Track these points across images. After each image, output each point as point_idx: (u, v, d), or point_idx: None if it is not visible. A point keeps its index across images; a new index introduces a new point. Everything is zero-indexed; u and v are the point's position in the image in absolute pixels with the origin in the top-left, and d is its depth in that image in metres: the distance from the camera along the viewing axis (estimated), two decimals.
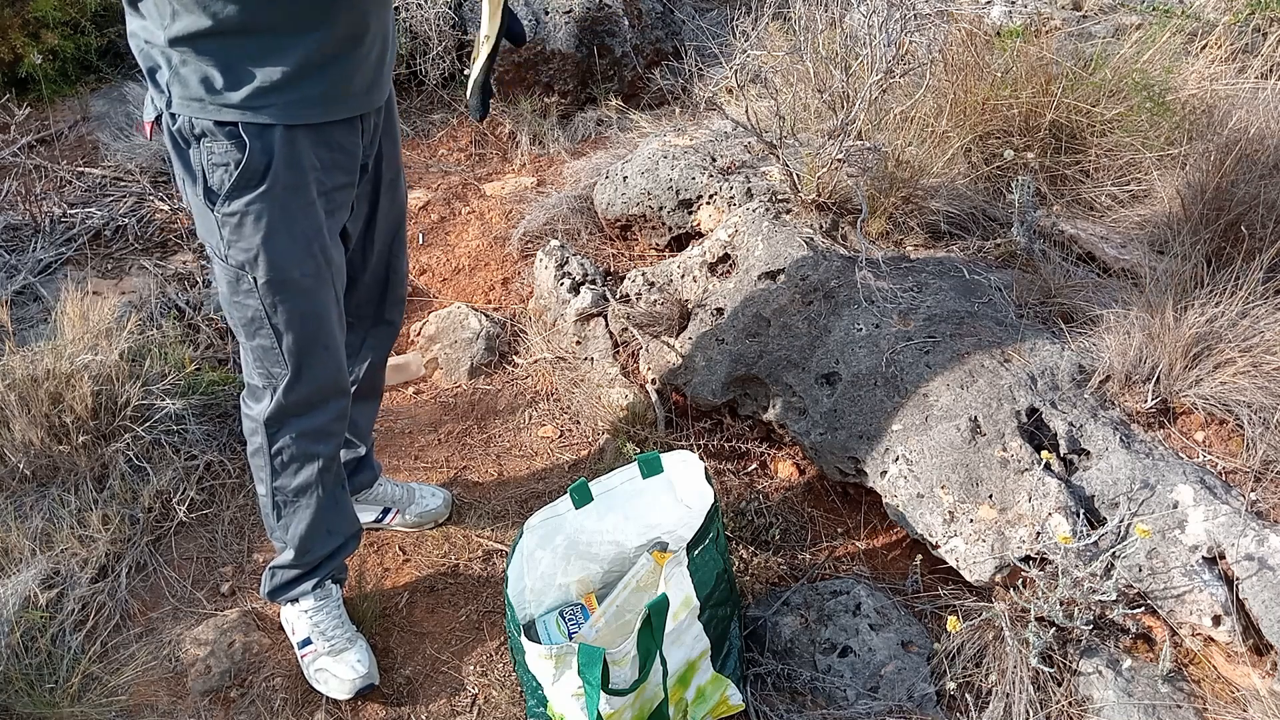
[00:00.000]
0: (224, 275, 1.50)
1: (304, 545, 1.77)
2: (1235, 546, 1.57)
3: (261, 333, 1.55)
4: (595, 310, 2.54)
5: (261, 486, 1.74)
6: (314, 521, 1.75)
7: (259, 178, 1.40)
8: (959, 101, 2.54)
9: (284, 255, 1.47)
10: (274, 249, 1.46)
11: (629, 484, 1.76)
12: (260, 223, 1.43)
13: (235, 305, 1.53)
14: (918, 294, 2.11)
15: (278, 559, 1.82)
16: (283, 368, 1.58)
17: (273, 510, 1.75)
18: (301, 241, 1.49)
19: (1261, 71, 2.81)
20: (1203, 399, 1.79)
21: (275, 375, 1.60)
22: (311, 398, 1.63)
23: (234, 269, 1.47)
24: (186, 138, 1.38)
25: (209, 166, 1.39)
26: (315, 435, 1.68)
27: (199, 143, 1.38)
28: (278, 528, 1.77)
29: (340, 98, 1.43)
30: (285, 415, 1.63)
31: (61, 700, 1.75)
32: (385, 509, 2.12)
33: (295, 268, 1.49)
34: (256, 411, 1.65)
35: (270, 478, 1.71)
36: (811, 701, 1.69)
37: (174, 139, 1.40)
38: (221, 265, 1.49)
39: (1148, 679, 1.59)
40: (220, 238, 1.45)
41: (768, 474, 2.21)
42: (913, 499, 1.82)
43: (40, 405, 2.08)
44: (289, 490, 1.72)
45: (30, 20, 3.61)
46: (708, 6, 4.19)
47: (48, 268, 2.78)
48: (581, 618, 1.75)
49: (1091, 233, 2.32)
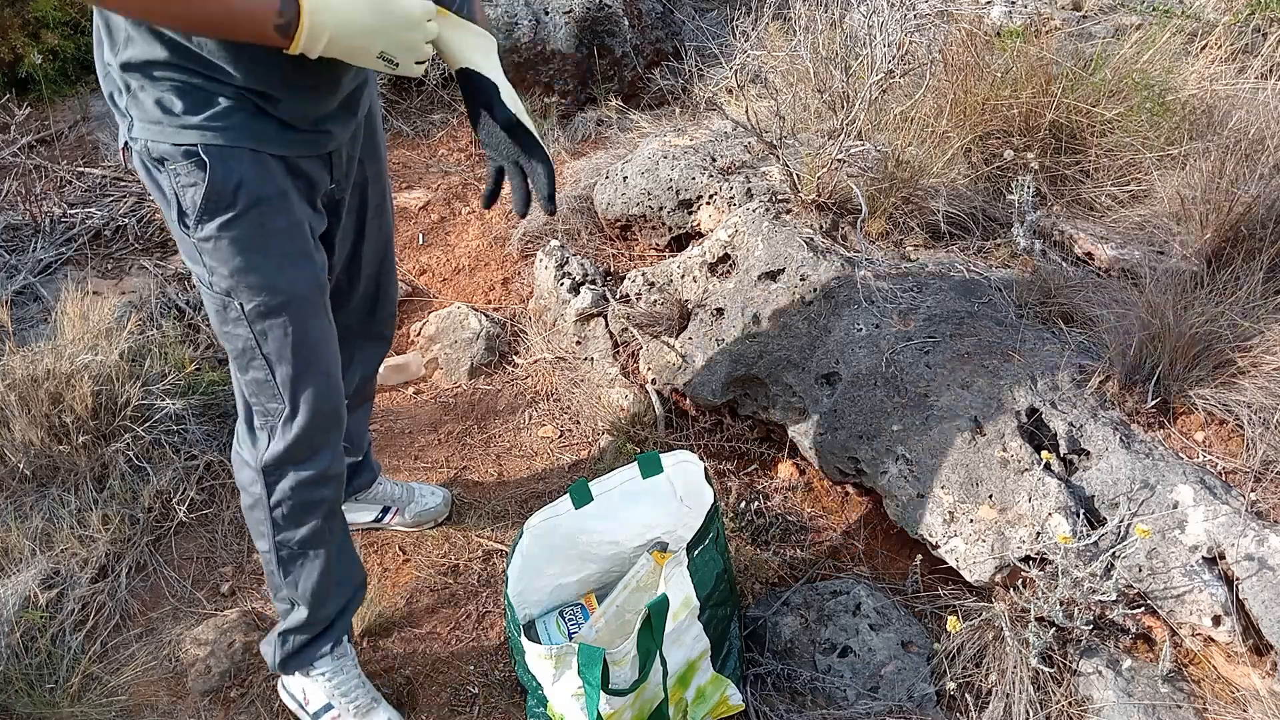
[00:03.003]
0: (211, 304, 1.42)
1: (318, 601, 1.65)
2: (1235, 546, 1.57)
3: (255, 364, 1.45)
4: (595, 310, 2.54)
5: (263, 542, 1.61)
6: (325, 574, 1.63)
7: (229, 199, 1.31)
8: (959, 101, 2.54)
9: (268, 279, 1.37)
10: (256, 272, 1.36)
11: (629, 484, 1.76)
12: (238, 246, 1.34)
13: (226, 336, 1.44)
14: (918, 294, 2.11)
15: (287, 622, 1.68)
16: (279, 402, 1.48)
17: (278, 568, 1.62)
18: (287, 264, 1.38)
19: (1261, 71, 2.81)
20: (1203, 399, 1.79)
21: (272, 412, 1.49)
22: (313, 435, 1.51)
23: (220, 296, 1.39)
24: (152, 162, 1.31)
25: (180, 189, 1.31)
26: (318, 480, 1.55)
27: (163, 166, 1.30)
28: (284, 585, 1.64)
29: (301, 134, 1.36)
30: (285, 459, 1.52)
31: (61, 700, 1.75)
32: (385, 508, 2.11)
33: (282, 292, 1.39)
34: (253, 457, 1.53)
35: (272, 531, 1.58)
36: (811, 701, 1.69)
37: (142, 164, 1.33)
38: (208, 293, 1.40)
39: (1148, 679, 1.59)
40: (202, 264, 1.37)
41: (768, 474, 2.21)
42: (913, 499, 1.82)
43: (40, 405, 2.08)
44: (294, 543, 1.60)
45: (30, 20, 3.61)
46: (708, 6, 4.19)
47: (48, 268, 2.78)
48: (581, 618, 1.75)
49: (1091, 233, 2.32)
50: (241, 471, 1.58)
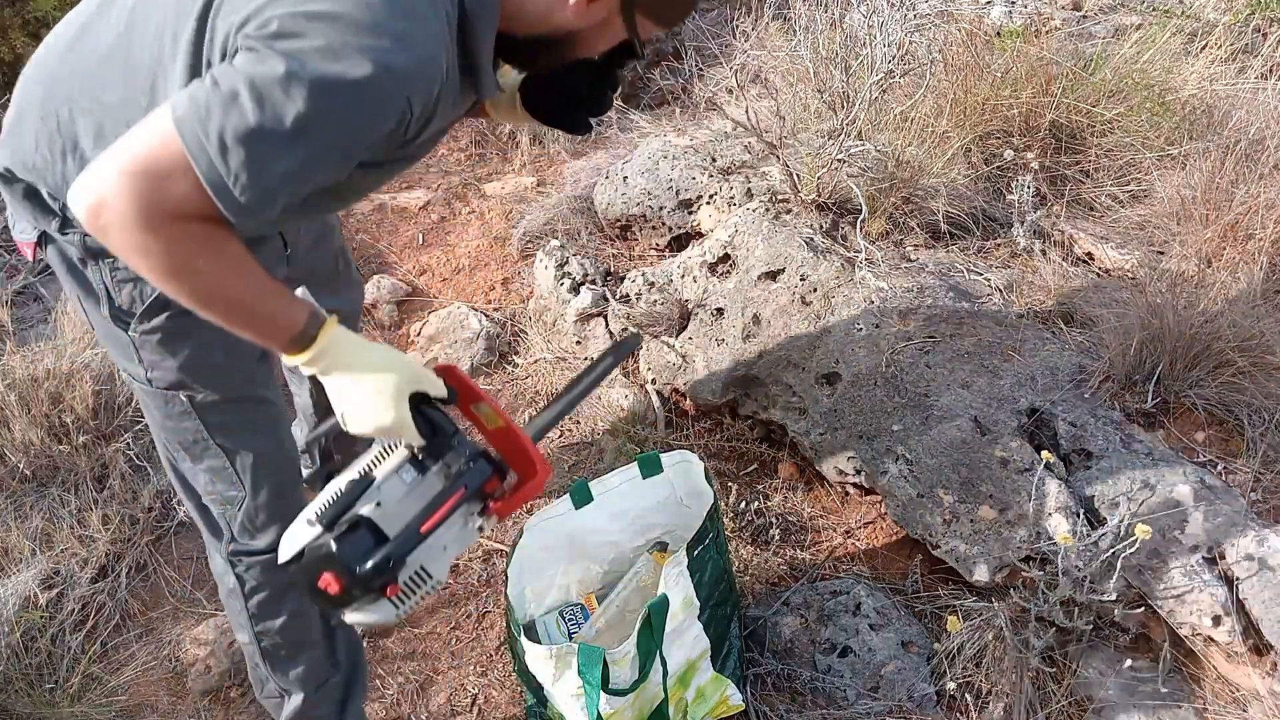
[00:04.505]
0: (150, 400, 1.32)
1: (317, 677, 1.57)
2: (1235, 546, 1.57)
3: (209, 454, 1.36)
4: (595, 310, 2.54)
5: (243, 634, 1.53)
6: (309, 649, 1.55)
7: None
8: (959, 101, 2.54)
9: (219, 366, 1.30)
10: (206, 363, 1.28)
11: (629, 484, 1.76)
12: (188, 337, 1.25)
13: (169, 430, 1.34)
14: (918, 294, 2.11)
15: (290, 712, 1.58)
16: (238, 488, 1.39)
17: (262, 660, 1.53)
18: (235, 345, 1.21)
19: (1261, 71, 2.81)
20: (1203, 399, 1.79)
21: (230, 500, 1.40)
22: (275, 513, 1.42)
23: (162, 392, 1.29)
24: (84, 256, 1.20)
25: (113, 284, 1.21)
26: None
27: (98, 261, 1.19)
28: (273, 676, 1.55)
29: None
30: (252, 543, 1.43)
31: (61, 700, 1.75)
32: None
33: (234, 380, 1.32)
34: (219, 549, 1.45)
35: (251, 623, 1.49)
36: (811, 701, 1.69)
37: (65, 259, 1.22)
38: (146, 390, 1.30)
39: (1148, 679, 1.59)
40: (138, 360, 1.27)
41: (768, 474, 2.21)
42: (913, 499, 1.82)
43: (40, 405, 2.08)
44: (272, 632, 1.51)
45: (30, 20, 3.61)
46: (708, 6, 4.19)
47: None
48: (581, 618, 1.75)
49: (1091, 233, 2.32)
50: (213, 560, 1.50)
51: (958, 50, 2.66)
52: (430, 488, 1.17)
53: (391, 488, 1.15)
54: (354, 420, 1.12)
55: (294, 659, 1.54)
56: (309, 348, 1.09)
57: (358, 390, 1.11)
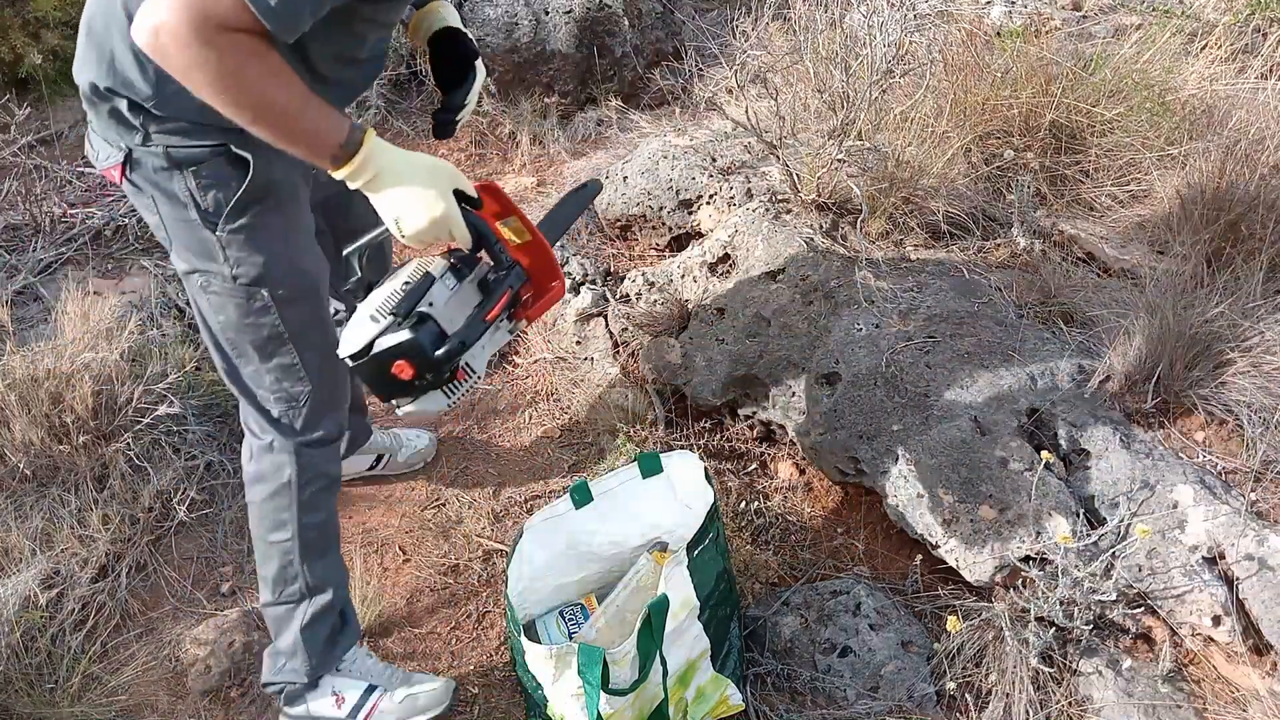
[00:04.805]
0: (231, 299, 1.44)
1: (336, 579, 1.69)
2: (1235, 546, 1.57)
3: (282, 350, 1.49)
4: (595, 310, 2.54)
5: (282, 531, 1.62)
6: (336, 554, 1.70)
7: (262, 192, 1.38)
8: (959, 101, 2.54)
9: (297, 263, 1.46)
10: (286, 257, 1.44)
11: (629, 484, 1.76)
12: (269, 233, 1.41)
13: (247, 329, 1.47)
14: (918, 294, 2.11)
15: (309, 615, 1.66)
16: (305, 383, 1.53)
17: (300, 554, 1.63)
18: (308, 248, 1.49)
19: (1261, 71, 2.81)
20: (1203, 399, 1.79)
21: (296, 396, 1.54)
22: (333, 406, 1.59)
23: (244, 289, 1.43)
24: (168, 168, 1.34)
25: (199, 190, 1.35)
26: (334, 455, 1.63)
27: (182, 170, 1.34)
28: (303, 573, 1.64)
29: None
30: (314, 436, 1.58)
31: (61, 700, 1.75)
32: (378, 457, 2.20)
33: (308, 274, 1.48)
34: (281, 444, 1.57)
35: (299, 514, 1.60)
36: (811, 701, 1.69)
37: (148, 172, 1.35)
38: (227, 289, 1.43)
39: (1148, 679, 1.59)
40: (224, 258, 1.40)
41: (768, 474, 2.21)
42: (913, 499, 1.82)
43: (40, 405, 2.08)
44: (316, 525, 1.63)
45: (30, 20, 3.61)
46: (708, 6, 4.19)
47: (48, 268, 2.78)
48: (581, 618, 1.75)
49: (1091, 233, 2.32)
50: (262, 460, 1.60)
51: (958, 50, 2.66)
52: (470, 293, 1.31)
53: (438, 292, 1.28)
54: (410, 219, 1.24)
55: (325, 553, 1.66)
56: (354, 157, 1.21)
57: (409, 190, 1.23)
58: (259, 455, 1.61)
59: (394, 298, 1.26)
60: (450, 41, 1.60)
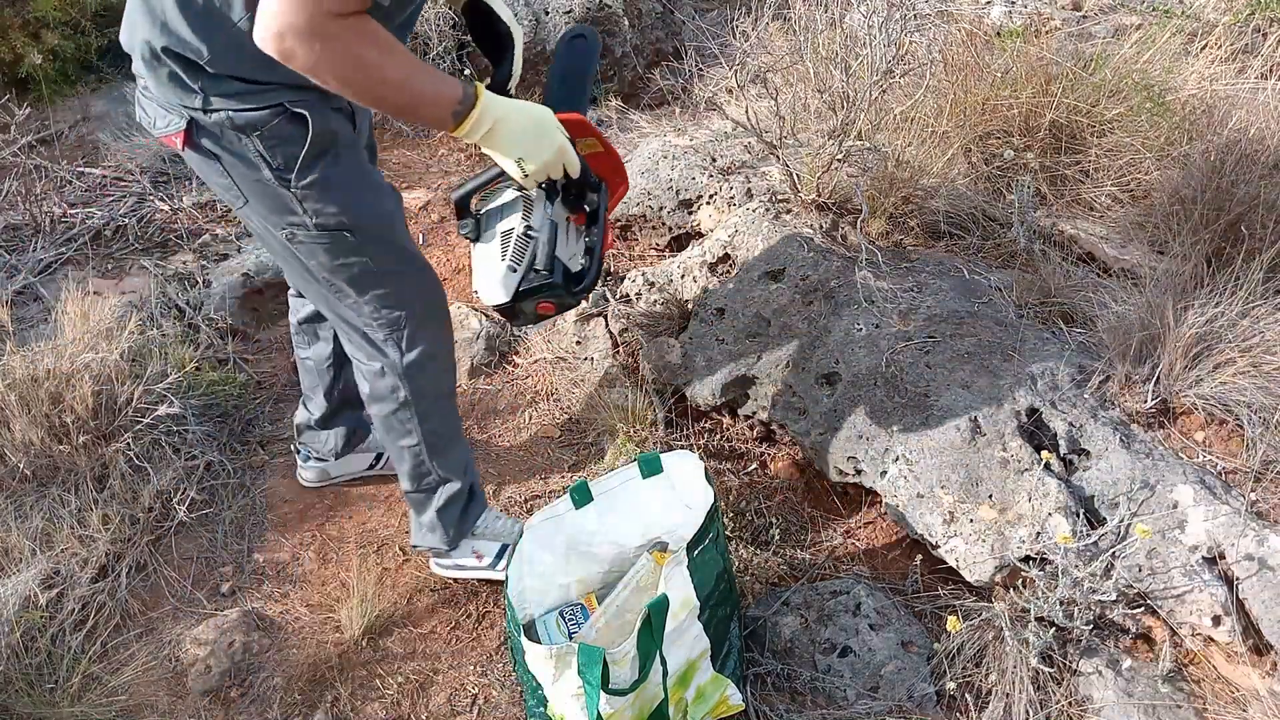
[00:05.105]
0: (319, 244, 1.52)
1: (465, 468, 1.87)
2: (1235, 546, 1.58)
3: (374, 284, 1.59)
4: (595, 310, 2.54)
5: (410, 438, 1.78)
6: (463, 445, 1.87)
7: (327, 144, 1.44)
8: (959, 101, 2.54)
9: (374, 204, 1.55)
10: (364, 200, 1.52)
11: (629, 484, 1.76)
12: (344, 180, 1.48)
13: (340, 268, 1.55)
14: (918, 294, 2.11)
15: (443, 500, 1.87)
16: (401, 308, 1.63)
17: (429, 455, 1.80)
18: (380, 189, 1.58)
19: (1261, 71, 2.81)
20: (1203, 399, 1.79)
21: (394, 321, 1.64)
22: (434, 325, 1.70)
23: (329, 234, 1.50)
24: (234, 132, 1.39)
25: (268, 150, 1.41)
26: (442, 369, 1.76)
27: (246, 133, 1.39)
28: (435, 469, 1.82)
29: None
30: (419, 356, 1.69)
31: (61, 700, 1.75)
32: (378, 455, 2.23)
33: (386, 212, 1.58)
34: (390, 366, 1.69)
35: (420, 423, 1.76)
36: (811, 701, 1.69)
37: (215, 138, 1.40)
38: (312, 236, 1.50)
39: (1148, 679, 1.59)
40: (302, 210, 1.47)
41: (768, 474, 2.21)
42: (913, 499, 1.82)
43: (40, 405, 2.08)
44: (436, 430, 1.79)
45: (30, 20, 3.61)
46: (708, 6, 4.19)
47: (48, 268, 2.78)
48: (581, 618, 1.75)
49: (1091, 233, 2.32)
50: (377, 383, 1.73)
51: (957, 50, 2.66)
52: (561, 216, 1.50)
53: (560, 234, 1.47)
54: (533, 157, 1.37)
55: (450, 449, 1.84)
56: (471, 112, 1.31)
57: (528, 132, 1.37)
58: (371, 379, 1.74)
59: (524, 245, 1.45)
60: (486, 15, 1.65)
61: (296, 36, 1.15)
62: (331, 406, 2.08)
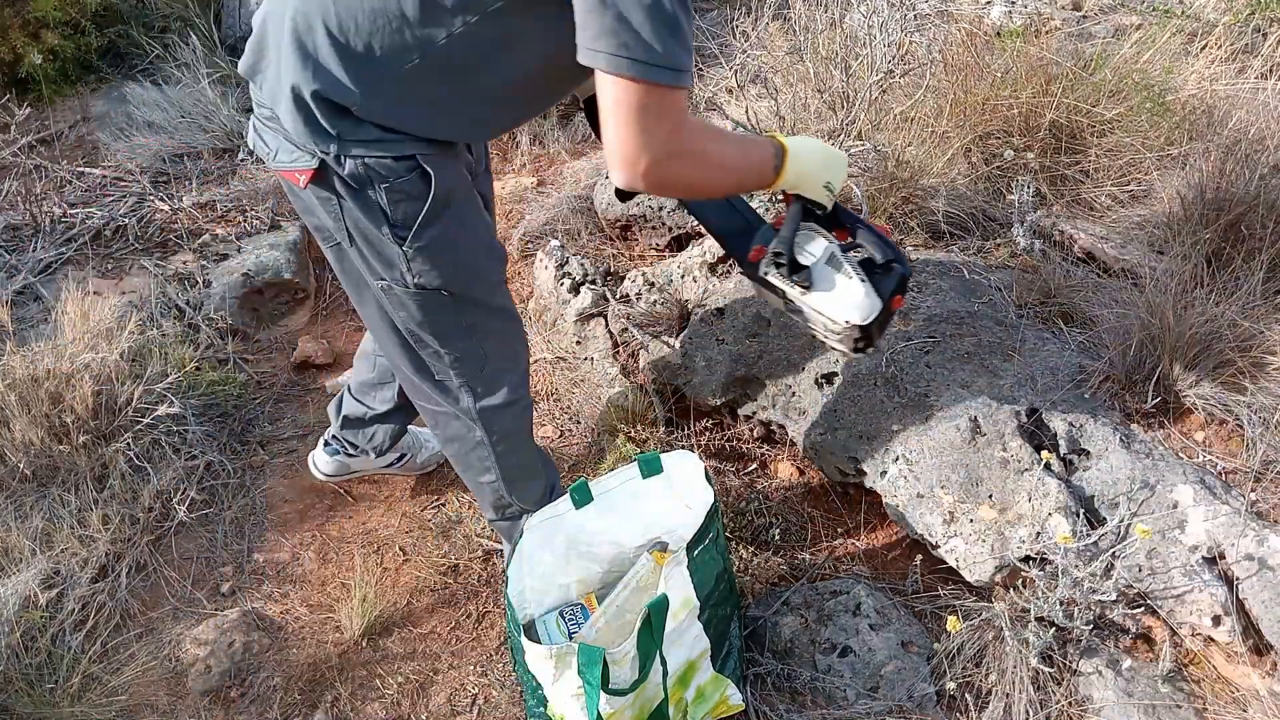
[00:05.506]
0: (412, 300, 1.48)
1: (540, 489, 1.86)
2: (1235, 546, 1.58)
3: (462, 336, 1.57)
4: (595, 310, 2.54)
5: (488, 475, 1.77)
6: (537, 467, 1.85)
7: (445, 202, 1.40)
8: (959, 101, 2.54)
9: (474, 265, 1.51)
10: (470, 262, 1.50)
11: (629, 484, 1.76)
12: (453, 243, 1.45)
13: (425, 324, 1.53)
14: (918, 294, 2.11)
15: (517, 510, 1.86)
16: (485, 357, 1.61)
17: (508, 490, 1.80)
18: (486, 243, 1.54)
19: (1261, 71, 2.81)
20: (1203, 399, 1.79)
21: (477, 370, 1.62)
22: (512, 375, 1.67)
23: (427, 292, 1.47)
24: (364, 179, 1.35)
25: (390, 204, 1.37)
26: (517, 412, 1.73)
27: (374, 184, 1.35)
28: (517, 501, 1.82)
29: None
30: (496, 403, 1.67)
31: (61, 700, 1.75)
32: (401, 455, 2.21)
33: (485, 276, 1.55)
34: (463, 411, 1.67)
35: (498, 461, 1.74)
36: (811, 701, 1.69)
37: (346, 183, 1.36)
38: (407, 293, 1.47)
39: (1148, 679, 1.59)
40: (406, 269, 1.44)
41: (768, 474, 2.21)
42: (913, 499, 1.82)
43: (40, 405, 2.08)
44: (517, 466, 1.78)
45: (30, 20, 3.61)
46: (708, 7, 4.19)
47: (48, 268, 2.78)
48: (581, 618, 1.75)
49: (1091, 233, 2.32)
50: (449, 425, 1.72)
51: (958, 50, 2.66)
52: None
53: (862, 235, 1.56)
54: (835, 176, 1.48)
55: (529, 477, 1.83)
56: (785, 163, 1.39)
57: (823, 155, 1.46)
58: (442, 423, 1.73)
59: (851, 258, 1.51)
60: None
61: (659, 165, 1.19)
62: (398, 402, 2.04)
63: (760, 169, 1.39)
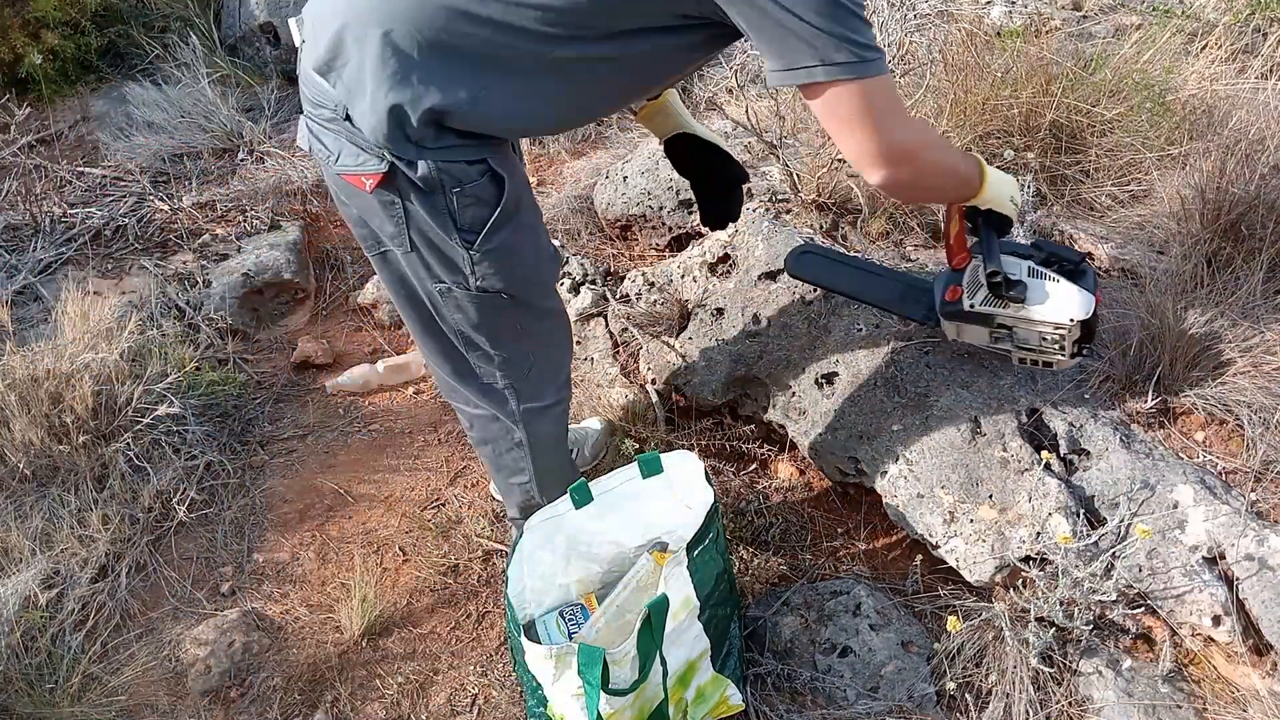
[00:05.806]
0: (471, 302, 1.48)
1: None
2: (1235, 546, 1.57)
3: (510, 342, 1.58)
4: (595, 310, 2.54)
5: (521, 476, 1.80)
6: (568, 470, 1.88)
7: (513, 208, 1.40)
8: (959, 101, 2.54)
9: (535, 270, 1.53)
10: (531, 266, 1.51)
11: (629, 484, 1.76)
12: (518, 247, 1.45)
13: (480, 326, 1.53)
14: None
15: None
16: (526, 365, 1.62)
17: (539, 491, 1.81)
18: (545, 247, 1.54)
19: (1261, 71, 2.81)
20: (1203, 399, 1.79)
21: (525, 373, 1.64)
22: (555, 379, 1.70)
23: (488, 294, 1.47)
24: (438, 183, 1.32)
25: (460, 208, 1.35)
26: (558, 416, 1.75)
27: (446, 188, 1.33)
28: (542, 500, 1.82)
29: None
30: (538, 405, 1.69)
31: (61, 700, 1.75)
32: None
33: (543, 279, 1.57)
34: (506, 412, 1.68)
35: (534, 462, 1.77)
36: (811, 701, 1.69)
37: (417, 186, 1.33)
38: (468, 295, 1.47)
39: (1148, 679, 1.59)
40: (471, 271, 1.43)
41: (768, 474, 2.21)
42: (913, 499, 1.82)
43: (40, 405, 2.08)
44: (555, 467, 1.81)
45: (30, 20, 3.61)
46: None
47: (48, 268, 2.78)
48: (581, 618, 1.75)
49: (1091, 233, 2.32)
50: (488, 427, 1.74)
51: (958, 50, 2.66)
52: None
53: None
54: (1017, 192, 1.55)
55: (560, 481, 1.81)
56: (986, 174, 1.46)
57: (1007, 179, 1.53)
58: (480, 425, 1.75)
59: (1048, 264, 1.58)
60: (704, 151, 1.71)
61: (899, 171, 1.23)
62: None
63: (970, 179, 1.46)
